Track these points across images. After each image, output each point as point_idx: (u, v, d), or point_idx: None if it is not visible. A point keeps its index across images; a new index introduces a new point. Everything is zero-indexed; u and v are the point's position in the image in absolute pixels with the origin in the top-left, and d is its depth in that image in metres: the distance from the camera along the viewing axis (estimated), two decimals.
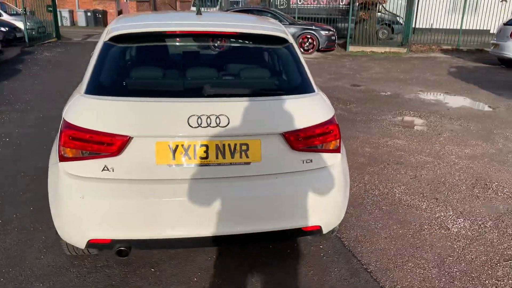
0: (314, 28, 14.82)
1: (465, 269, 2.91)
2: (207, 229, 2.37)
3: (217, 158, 2.35)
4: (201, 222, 2.35)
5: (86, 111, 2.37)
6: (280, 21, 14.11)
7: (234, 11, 14.36)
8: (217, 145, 2.34)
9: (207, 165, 2.35)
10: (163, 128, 2.30)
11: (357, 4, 15.71)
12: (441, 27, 17.11)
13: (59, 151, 2.36)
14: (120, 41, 2.65)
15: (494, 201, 3.94)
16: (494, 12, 17.14)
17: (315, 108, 2.58)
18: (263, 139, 2.39)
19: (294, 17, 16.78)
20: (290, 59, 2.81)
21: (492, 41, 12.69)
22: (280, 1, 20.16)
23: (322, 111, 2.57)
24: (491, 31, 17.14)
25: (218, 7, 22.95)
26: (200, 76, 2.75)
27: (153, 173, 2.32)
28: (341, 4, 19.48)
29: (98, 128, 2.28)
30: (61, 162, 2.36)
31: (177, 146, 2.31)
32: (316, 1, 19.83)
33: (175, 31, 2.69)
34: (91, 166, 2.30)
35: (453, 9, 18.47)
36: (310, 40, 14.67)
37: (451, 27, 16.71)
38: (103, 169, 2.30)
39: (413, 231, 3.38)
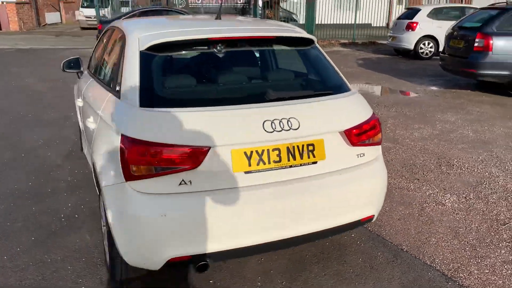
0: None
1: (477, 237, 3.29)
2: (285, 231, 2.41)
3: (288, 160, 2.38)
4: (281, 225, 2.38)
5: (155, 124, 2.24)
6: None
7: (142, 12, 13.86)
8: (287, 148, 2.37)
9: (280, 168, 2.36)
10: (240, 135, 2.28)
11: (261, 2, 16.23)
12: (335, 22, 18.43)
13: (126, 170, 2.21)
14: (159, 50, 2.56)
15: (463, 176, 4.46)
16: (374, 9, 19.06)
17: (361, 105, 2.74)
18: (326, 138, 2.48)
19: None
20: (321, 58, 2.96)
21: (389, 34, 14.02)
22: (178, 0, 19.90)
23: (366, 108, 2.75)
24: (372, 25, 19.25)
25: (109, 7, 21.88)
26: (256, 81, 2.74)
27: (230, 182, 2.28)
28: (239, 2, 19.88)
29: (174, 142, 2.19)
30: (130, 182, 2.22)
31: (251, 152, 2.30)
32: (215, 0, 19.97)
33: (218, 38, 2.65)
34: (167, 182, 2.20)
35: (345, 7, 19.90)
36: None
37: (345, 22, 18.09)
38: (180, 183, 2.20)
39: (417, 210, 3.71)
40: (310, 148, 2.43)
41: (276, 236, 2.39)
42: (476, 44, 7.87)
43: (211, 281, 2.74)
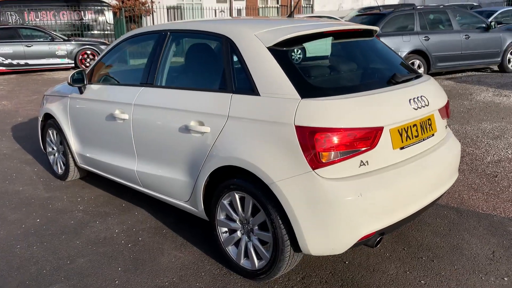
0: (92, 43, 14.78)
1: None
2: (426, 199, 2.68)
3: (422, 133, 2.73)
4: (428, 192, 2.68)
5: (332, 112, 2.38)
6: (53, 38, 14.10)
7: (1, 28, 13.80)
8: (421, 123, 2.72)
9: (420, 142, 2.71)
10: (395, 114, 2.53)
11: (123, 17, 16.22)
12: None
13: (313, 159, 2.34)
14: (285, 45, 2.71)
15: None
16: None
17: (439, 86, 3.13)
18: (435, 113, 2.87)
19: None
20: (385, 47, 3.24)
21: None
22: (14, 18, 19.21)
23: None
24: None
25: None
26: (375, 67, 3.08)
27: (393, 158, 2.54)
28: (84, 19, 19.84)
29: (356, 125, 2.36)
30: (317, 170, 2.35)
31: (402, 129, 2.58)
32: (54, 17, 19.57)
33: (331, 31, 2.90)
34: (349, 165, 2.38)
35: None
36: (91, 56, 14.46)
37: None
38: (360, 165, 2.41)
39: None
40: (429, 122, 2.80)
41: (422, 204, 2.64)
42: None
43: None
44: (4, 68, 13.28)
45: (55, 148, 4.68)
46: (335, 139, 2.33)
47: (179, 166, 3.09)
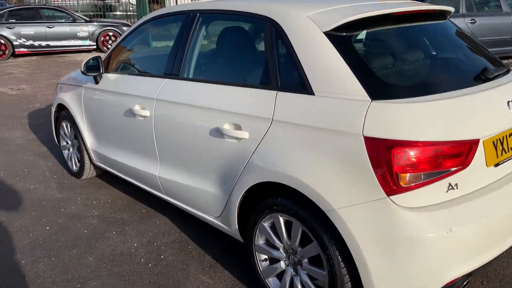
0: (115, 24, 14.20)
1: None
2: None
3: None
4: None
5: (419, 119, 1.80)
6: (74, 20, 13.51)
7: (12, 10, 13.10)
8: None
9: None
10: (493, 121, 1.98)
11: None
12: None
13: (387, 182, 1.78)
14: (345, 30, 2.11)
15: None
16: None
17: None
18: None
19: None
20: (461, 31, 2.59)
21: None
22: None
23: None
24: None
25: None
26: (455, 58, 2.43)
27: (486, 179, 1.98)
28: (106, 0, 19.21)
29: (449, 137, 1.80)
30: (393, 196, 1.79)
31: (497, 140, 2.01)
32: None
33: (401, 12, 2.26)
34: (435, 190, 1.83)
35: None
36: (113, 37, 13.92)
37: None
38: (448, 189, 1.85)
39: None
40: None
41: None
42: None
43: None
44: (25, 49, 12.95)
45: (69, 142, 4.22)
46: (419, 156, 1.77)
47: (209, 175, 2.57)
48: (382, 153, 1.78)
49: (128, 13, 19.61)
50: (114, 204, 3.67)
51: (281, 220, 2.20)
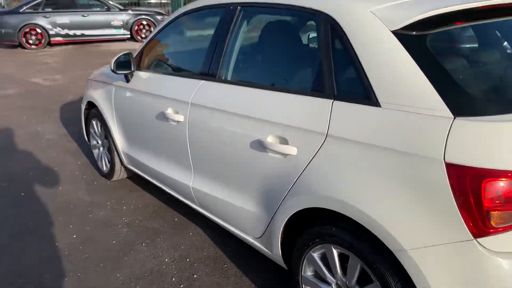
0: (149, 13, 13.87)
1: None
2: None
3: None
4: None
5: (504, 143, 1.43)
6: (109, 8, 13.32)
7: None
8: None
9: None
10: None
11: None
12: None
13: (474, 220, 1.44)
14: (420, 29, 1.75)
15: None
16: None
17: None
18: None
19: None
20: None
21: None
22: None
23: None
24: None
25: None
26: None
27: None
28: None
29: None
30: (481, 238, 1.45)
31: None
32: None
33: (486, 6, 1.85)
34: None
35: None
36: (147, 26, 13.63)
37: None
38: None
39: None
40: None
41: None
42: None
43: None
44: (61, 38, 12.97)
45: (99, 141, 4.02)
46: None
47: (249, 192, 2.27)
48: (469, 185, 1.43)
49: (163, 1, 19.49)
50: (144, 211, 3.44)
51: (335, 253, 1.88)
